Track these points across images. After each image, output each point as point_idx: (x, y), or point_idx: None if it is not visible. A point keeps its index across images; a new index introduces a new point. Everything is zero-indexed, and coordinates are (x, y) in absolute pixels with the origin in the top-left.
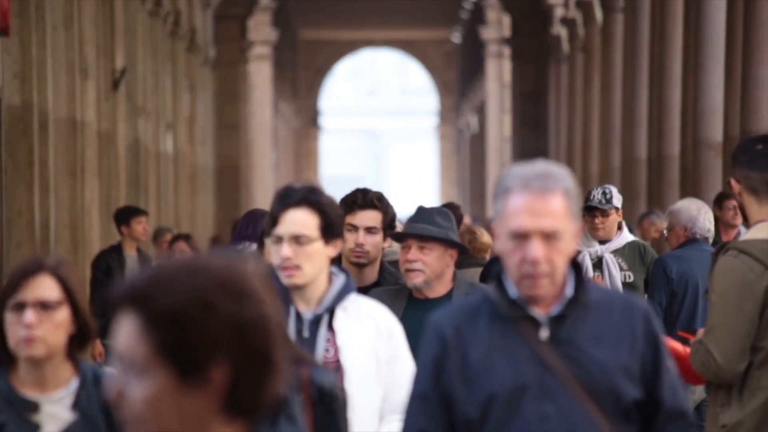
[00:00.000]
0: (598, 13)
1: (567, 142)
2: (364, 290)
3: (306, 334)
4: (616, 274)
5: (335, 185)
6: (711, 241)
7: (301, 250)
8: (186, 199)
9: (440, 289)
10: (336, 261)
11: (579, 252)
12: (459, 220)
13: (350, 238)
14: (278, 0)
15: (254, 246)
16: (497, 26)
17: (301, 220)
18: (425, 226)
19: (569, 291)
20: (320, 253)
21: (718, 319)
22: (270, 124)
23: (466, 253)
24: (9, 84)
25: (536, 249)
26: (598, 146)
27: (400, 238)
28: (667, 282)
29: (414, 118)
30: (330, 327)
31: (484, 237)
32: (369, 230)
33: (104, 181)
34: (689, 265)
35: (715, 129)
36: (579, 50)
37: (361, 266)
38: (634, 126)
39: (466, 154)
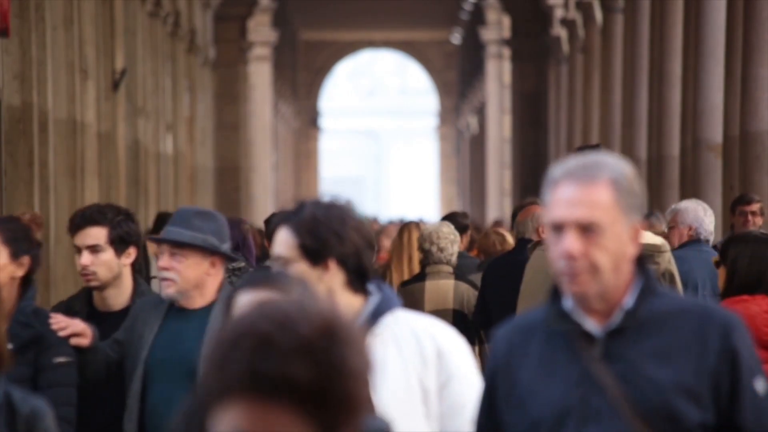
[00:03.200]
0: (598, 14)
1: (567, 142)
2: (115, 316)
3: None
4: None
5: (335, 186)
6: (711, 243)
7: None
8: (186, 200)
9: (200, 300)
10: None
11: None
12: (463, 230)
13: (78, 261)
14: (278, 1)
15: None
16: (497, 27)
17: (280, 240)
18: (179, 230)
19: (629, 301)
20: (310, 277)
21: (522, 306)
22: (270, 124)
23: (232, 261)
24: (9, 84)
25: (570, 242)
26: None
27: (159, 243)
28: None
29: (414, 119)
30: None
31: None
32: (93, 249)
33: (104, 181)
34: (690, 265)
35: (715, 129)
36: (579, 51)
37: (101, 289)
38: (634, 126)
39: (466, 155)
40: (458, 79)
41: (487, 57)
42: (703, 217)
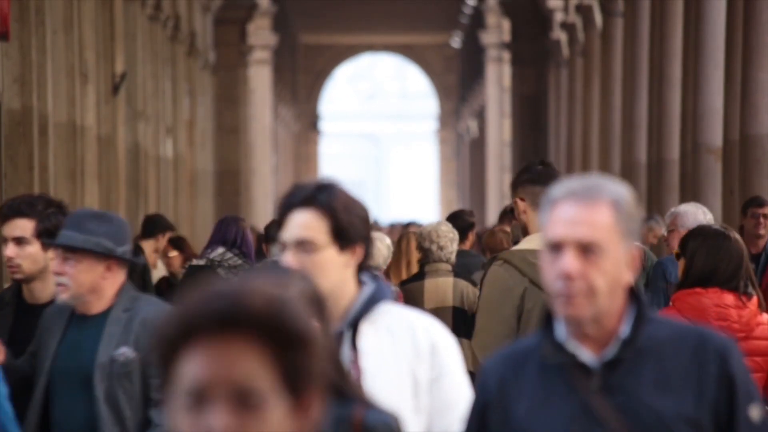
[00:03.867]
0: (598, 18)
1: (567, 146)
2: (39, 309)
3: None
4: None
5: None
6: None
7: (308, 259)
8: (186, 203)
9: (97, 306)
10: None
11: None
12: (469, 227)
13: (4, 252)
14: (278, 4)
15: (222, 250)
16: (497, 31)
17: (305, 224)
18: (71, 234)
19: (625, 330)
20: (332, 262)
21: (481, 323)
22: (270, 128)
23: (129, 264)
24: (9, 88)
25: (569, 261)
26: (598, 150)
27: (51, 247)
28: (666, 286)
29: (414, 123)
30: (353, 345)
31: None
32: (18, 241)
33: (104, 185)
34: None
35: (714, 133)
36: (579, 54)
37: (27, 282)
38: (634, 130)
39: (466, 159)
40: (458, 82)
41: (487, 60)
42: (702, 220)
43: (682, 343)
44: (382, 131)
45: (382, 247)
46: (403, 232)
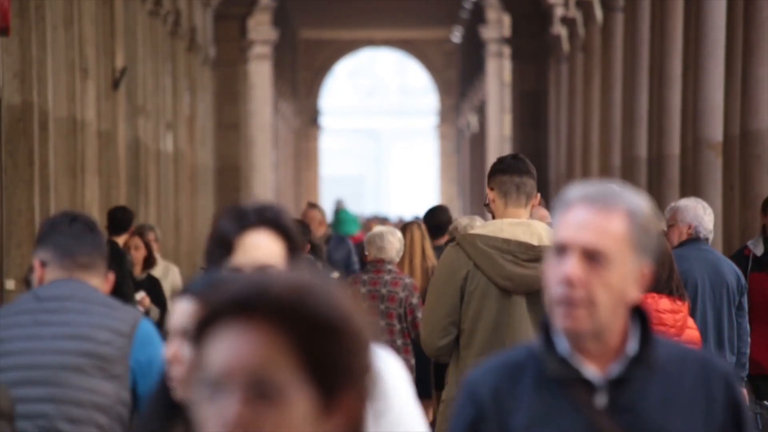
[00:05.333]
0: (599, 13)
1: (567, 141)
2: None
3: None
4: None
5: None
6: (710, 242)
7: None
8: (186, 199)
9: None
10: None
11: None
12: (447, 223)
13: None
14: (278, 0)
15: None
16: (497, 26)
17: (264, 246)
18: None
19: (632, 347)
20: None
21: (429, 300)
22: (270, 123)
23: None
24: (9, 83)
25: (571, 266)
26: (599, 146)
27: None
28: None
29: (414, 118)
30: None
31: None
32: None
33: (104, 180)
34: (689, 264)
35: (715, 129)
36: (579, 50)
37: None
38: (635, 125)
39: (466, 154)
40: (458, 77)
41: (487, 56)
42: (702, 215)
43: (686, 364)
44: (383, 126)
45: (394, 240)
46: (404, 226)
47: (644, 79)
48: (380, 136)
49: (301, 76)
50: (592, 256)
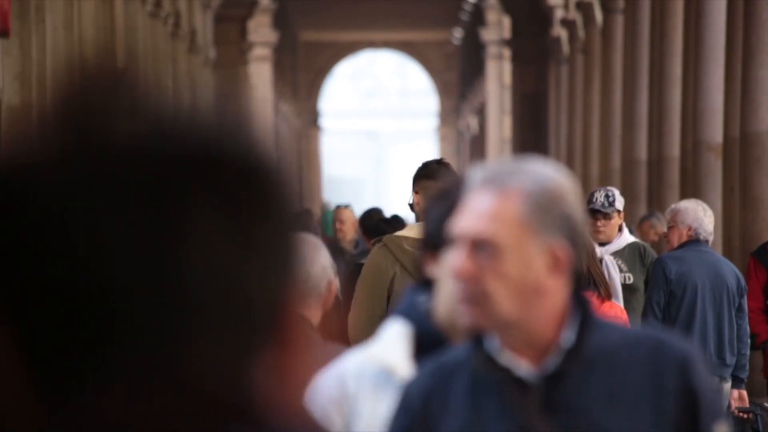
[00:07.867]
0: (598, 15)
1: (567, 143)
2: None
3: None
4: (616, 276)
5: (336, 186)
6: (710, 243)
7: None
8: None
9: None
10: None
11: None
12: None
13: None
14: (278, 1)
15: None
16: (497, 28)
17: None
18: None
19: (568, 338)
20: None
21: (356, 300)
22: (270, 125)
23: None
24: (9, 85)
25: (456, 260)
26: (598, 148)
27: None
28: (666, 282)
29: (414, 120)
30: None
31: None
32: None
33: None
34: (689, 266)
35: (715, 130)
36: (579, 52)
37: None
38: (634, 127)
39: (467, 156)
40: (458, 79)
41: (487, 58)
42: (702, 217)
43: (635, 351)
44: (383, 128)
45: None
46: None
47: (644, 81)
48: (380, 138)
49: (302, 78)
50: (481, 247)
